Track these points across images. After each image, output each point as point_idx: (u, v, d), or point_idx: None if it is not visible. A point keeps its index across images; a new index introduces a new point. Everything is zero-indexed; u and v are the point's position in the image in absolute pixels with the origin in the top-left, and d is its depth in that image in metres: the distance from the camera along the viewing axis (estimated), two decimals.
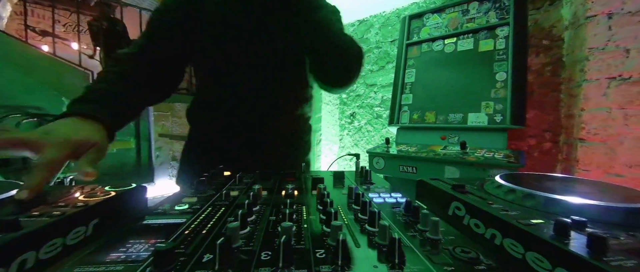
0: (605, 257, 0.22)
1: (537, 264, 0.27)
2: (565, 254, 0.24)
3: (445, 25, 1.68)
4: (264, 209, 0.31)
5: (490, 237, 0.33)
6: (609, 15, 1.27)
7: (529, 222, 0.30)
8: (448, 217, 0.43)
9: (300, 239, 0.23)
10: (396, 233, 0.21)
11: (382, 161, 1.47)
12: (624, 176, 1.23)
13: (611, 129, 1.25)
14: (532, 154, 1.68)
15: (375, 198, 0.36)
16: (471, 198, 0.38)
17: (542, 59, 1.67)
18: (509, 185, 0.39)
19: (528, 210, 0.35)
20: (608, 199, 0.34)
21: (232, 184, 0.41)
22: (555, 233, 0.27)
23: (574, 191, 0.36)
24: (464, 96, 1.49)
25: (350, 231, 0.26)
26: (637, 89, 1.22)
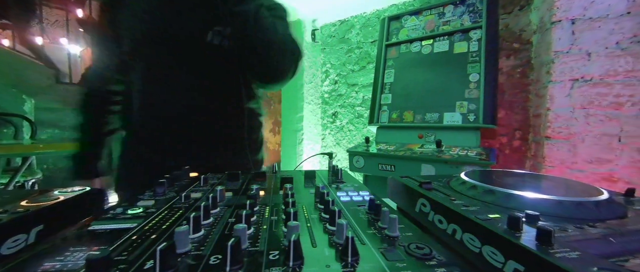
0: (551, 249, 0.23)
1: (492, 258, 0.27)
2: (515, 247, 0.25)
3: (422, 27, 1.73)
4: (224, 211, 0.30)
5: (451, 232, 0.34)
6: (572, 20, 1.35)
7: (486, 217, 0.30)
8: (415, 213, 0.43)
9: (256, 241, 0.23)
10: (350, 232, 0.21)
11: (361, 159, 1.48)
12: (585, 171, 1.31)
13: (574, 128, 1.33)
14: (503, 152, 1.75)
15: (342, 197, 0.36)
16: (436, 195, 0.39)
17: (512, 61, 1.75)
18: (471, 181, 0.40)
19: (488, 205, 0.36)
20: (561, 193, 0.35)
21: (196, 185, 0.40)
22: (508, 227, 0.27)
23: (531, 187, 0.38)
24: (440, 96, 1.53)
25: (310, 231, 0.26)
26: (596, 90, 1.30)
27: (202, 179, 0.40)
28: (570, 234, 0.27)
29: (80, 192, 0.35)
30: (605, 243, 0.26)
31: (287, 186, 0.33)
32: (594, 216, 0.32)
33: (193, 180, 0.43)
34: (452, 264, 0.20)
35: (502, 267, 0.26)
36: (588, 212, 0.32)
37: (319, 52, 2.64)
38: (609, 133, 1.27)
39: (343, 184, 0.43)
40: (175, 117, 0.69)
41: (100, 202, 0.36)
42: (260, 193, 0.35)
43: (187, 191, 0.34)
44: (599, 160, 1.29)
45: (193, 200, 0.33)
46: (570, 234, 0.27)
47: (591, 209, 0.32)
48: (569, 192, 0.36)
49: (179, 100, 0.69)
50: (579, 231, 0.27)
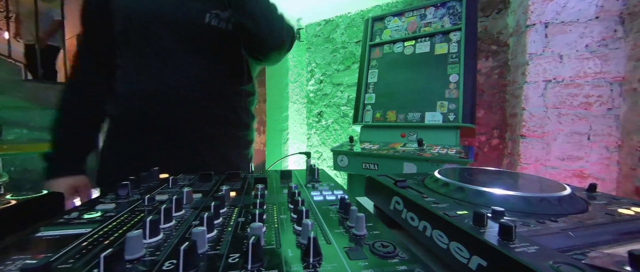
0: (512, 244, 0.24)
1: (458, 254, 0.28)
2: (479, 243, 0.25)
3: (405, 28, 1.75)
4: (190, 214, 0.28)
5: (422, 229, 0.34)
6: (546, 24, 1.41)
7: (454, 214, 0.31)
8: (390, 211, 0.43)
9: (217, 244, 0.22)
10: (313, 232, 0.20)
11: (346, 158, 1.48)
12: (558, 168, 1.37)
13: (547, 127, 1.38)
14: (482, 150, 1.81)
15: (316, 196, 0.36)
16: (409, 192, 0.39)
17: (490, 62, 1.81)
18: (444, 179, 0.41)
19: (459, 202, 0.36)
20: (526, 190, 0.36)
21: (165, 187, 0.38)
22: (474, 223, 0.28)
23: (500, 184, 0.39)
24: (421, 96, 1.56)
25: (277, 231, 0.25)
26: (568, 91, 1.37)
27: (171, 180, 0.38)
28: (532, 229, 0.28)
29: (36, 195, 0.32)
30: (564, 237, 0.27)
31: (259, 186, 0.32)
32: (556, 210, 0.33)
33: (162, 181, 0.41)
34: (415, 262, 0.20)
35: (467, 262, 0.26)
36: (551, 208, 0.33)
37: (304, 51, 2.63)
38: (579, 132, 1.34)
39: (319, 184, 0.43)
40: (164, 109, 0.66)
41: (58, 206, 0.34)
42: (231, 194, 0.34)
43: (153, 193, 0.32)
44: (571, 157, 1.36)
45: (158, 202, 0.31)
46: (532, 229, 0.28)
47: (554, 204, 0.33)
48: (534, 189, 0.37)
49: (174, 84, 0.67)
50: (540, 226, 0.28)
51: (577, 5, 1.35)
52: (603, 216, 0.32)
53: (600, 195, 0.41)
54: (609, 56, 1.30)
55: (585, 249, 0.25)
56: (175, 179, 0.39)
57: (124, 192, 0.32)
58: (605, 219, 0.31)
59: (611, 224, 0.30)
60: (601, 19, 1.32)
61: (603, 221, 0.30)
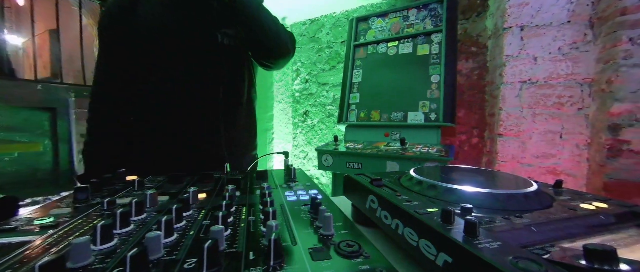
0: (476, 240, 0.24)
1: (427, 251, 0.28)
2: (445, 239, 0.25)
3: (388, 29, 1.77)
4: (152, 217, 0.27)
5: (395, 227, 0.34)
6: (521, 27, 1.47)
7: (425, 211, 0.31)
8: (366, 210, 0.43)
9: (175, 250, 0.21)
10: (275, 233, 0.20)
11: (330, 158, 1.48)
12: (533, 165, 1.43)
13: (522, 126, 1.44)
14: (463, 148, 1.86)
15: (290, 196, 0.35)
16: (383, 191, 0.39)
17: (470, 64, 1.86)
18: (417, 177, 0.41)
19: (431, 200, 0.37)
20: (495, 187, 0.37)
21: (130, 190, 0.36)
22: (442, 220, 0.28)
23: (470, 181, 0.40)
24: (404, 96, 1.58)
25: (243, 234, 0.24)
26: (542, 91, 1.43)
27: (137, 183, 0.36)
28: (497, 225, 0.28)
29: None
30: (527, 232, 0.28)
31: (229, 187, 0.31)
32: (523, 206, 0.34)
33: (128, 184, 0.39)
34: (378, 261, 0.20)
35: (434, 259, 0.26)
36: (518, 204, 0.34)
37: None
38: (553, 130, 1.40)
39: (294, 184, 0.42)
40: (172, 115, 0.71)
41: (10, 211, 0.31)
42: (200, 196, 0.33)
43: (115, 197, 0.31)
44: (545, 155, 1.42)
45: (118, 206, 0.29)
46: (497, 225, 0.28)
47: (520, 201, 0.34)
48: (502, 186, 0.38)
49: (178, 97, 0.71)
50: (505, 222, 0.29)
51: (551, 9, 1.41)
52: (566, 211, 0.33)
53: (566, 191, 0.43)
54: (579, 58, 1.37)
55: (546, 244, 0.25)
56: (141, 182, 0.37)
57: (83, 196, 0.30)
58: (568, 214, 0.32)
59: (573, 219, 0.31)
60: (572, 23, 1.38)
61: (565, 216, 0.31)
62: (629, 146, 1.19)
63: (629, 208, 0.35)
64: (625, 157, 1.19)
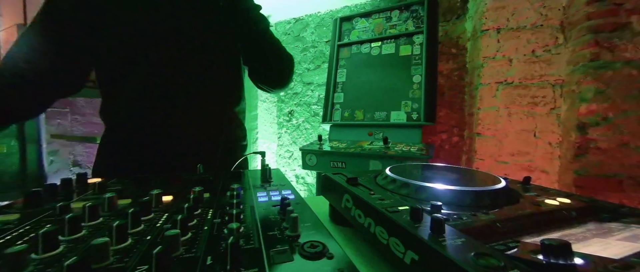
0: (441, 237, 0.24)
1: (396, 249, 0.28)
2: (412, 237, 0.26)
3: (371, 29, 1.79)
4: (106, 221, 0.26)
5: (368, 226, 0.34)
6: (498, 30, 1.52)
7: (395, 209, 0.31)
8: (342, 209, 0.43)
9: (127, 256, 0.20)
10: (233, 238, 0.19)
11: (314, 157, 1.48)
12: (509, 162, 1.48)
13: (499, 125, 1.49)
14: (443, 147, 1.91)
15: (261, 197, 0.34)
16: (358, 190, 0.39)
17: (451, 65, 1.91)
18: (392, 176, 0.41)
19: (404, 198, 0.37)
20: (465, 184, 0.38)
21: (89, 194, 0.34)
22: (411, 218, 0.28)
23: (442, 179, 0.40)
24: (387, 96, 1.60)
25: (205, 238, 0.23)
26: (517, 91, 1.48)
27: (98, 186, 0.34)
28: (464, 222, 0.29)
29: None
30: (492, 228, 0.28)
31: (196, 189, 0.30)
32: (491, 203, 0.34)
33: (90, 187, 0.36)
34: (341, 261, 0.19)
35: (403, 257, 0.27)
36: (486, 200, 0.34)
37: None
38: (527, 129, 1.46)
39: (269, 184, 0.41)
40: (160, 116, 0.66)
41: None
42: (165, 199, 0.31)
43: (71, 201, 0.29)
44: (520, 152, 1.48)
45: (72, 212, 0.28)
46: (464, 222, 0.29)
47: (489, 197, 0.35)
48: (472, 183, 0.39)
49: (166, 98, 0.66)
50: (472, 218, 0.29)
51: (525, 13, 1.47)
52: (531, 207, 0.34)
53: (534, 187, 0.44)
54: (551, 60, 1.43)
55: (509, 240, 0.26)
56: (103, 184, 0.35)
57: (36, 201, 0.28)
58: (532, 210, 0.33)
59: (537, 215, 0.32)
60: (545, 26, 1.45)
61: (530, 212, 0.32)
62: (596, 144, 1.25)
63: (590, 203, 0.37)
64: (592, 154, 1.26)
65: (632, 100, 1.20)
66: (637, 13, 1.20)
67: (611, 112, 1.23)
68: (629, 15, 1.21)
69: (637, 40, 1.20)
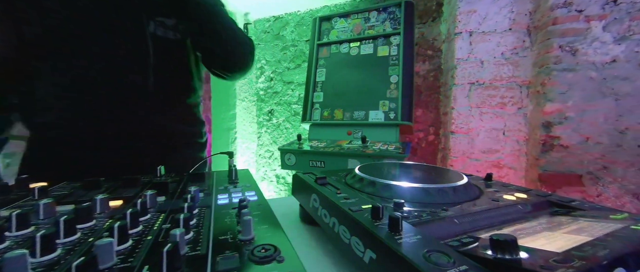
0: (397, 235, 0.24)
1: (357, 248, 0.28)
2: (370, 235, 0.25)
3: (350, 29, 1.80)
4: (38, 230, 0.23)
5: (332, 225, 0.34)
6: (470, 33, 1.58)
7: (358, 208, 0.31)
8: (310, 209, 0.43)
9: (57, 264, 0.18)
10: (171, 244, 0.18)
11: (293, 157, 1.47)
12: (480, 159, 1.55)
13: (471, 124, 1.55)
14: (421, 145, 1.96)
15: (222, 199, 0.33)
16: (325, 189, 0.39)
17: (427, 66, 1.96)
18: (360, 174, 0.41)
19: (370, 197, 0.37)
20: (429, 181, 0.38)
21: (27, 199, 0.31)
22: (371, 217, 0.28)
23: (408, 177, 0.41)
24: (366, 95, 1.62)
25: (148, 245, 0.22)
26: (488, 92, 1.55)
27: (37, 191, 0.31)
28: (423, 219, 0.29)
29: None
30: (450, 224, 0.29)
31: (148, 193, 0.28)
32: (452, 199, 0.35)
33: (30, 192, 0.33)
34: (291, 264, 0.19)
35: (362, 256, 0.26)
36: (447, 197, 0.35)
37: None
38: (497, 128, 1.53)
39: (233, 186, 0.40)
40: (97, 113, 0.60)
41: None
42: (112, 204, 0.29)
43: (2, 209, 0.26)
44: (490, 150, 1.54)
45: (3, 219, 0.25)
46: (423, 219, 0.29)
47: (449, 194, 0.35)
48: (435, 180, 0.40)
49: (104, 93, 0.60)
50: (431, 215, 0.30)
51: (495, 17, 1.53)
52: (489, 203, 0.35)
53: (495, 183, 0.46)
54: (519, 63, 1.51)
55: (463, 235, 0.26)
56: (43, 189, 0.32)
57: None
58: (490, 205, 0.34)
59: (494, 210, 0.33)
60: (513, 30, 1.52)
61: (487, 207, 0.33)
62: (559, 141, 1.33)
63: (545, 197, 0.39)
64: (556, 151, 1.34)
65: (591, 101, 1.29)
66: (597, 19, 1.29)
67: (572, 111, 1.32)
68: (589, 21, 1.29)
69: (595, 44, 1.29)
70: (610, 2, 1.27)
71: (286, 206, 0.56)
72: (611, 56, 1.27)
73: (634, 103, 1.24)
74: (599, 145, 1.29)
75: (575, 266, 0.18)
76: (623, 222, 0.28)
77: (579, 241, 0.23)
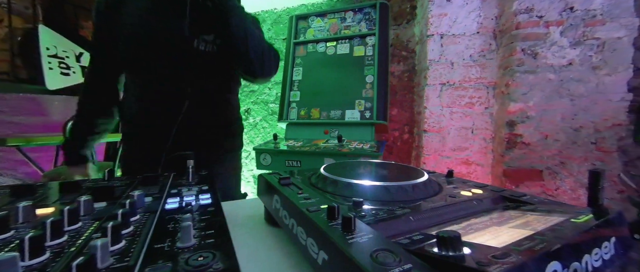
0: (350, 235, 0.24)
1: (312, 249, 0.27)
2: (322, 236, 0.25)
3: (327, 29, 1.80)
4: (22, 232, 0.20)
5: (291, 226, 0.33)
6: (441, 35, 1.63)
7: (317, 208, 0.30)
8: (273, 210, 0.41)
9: None
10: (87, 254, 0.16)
11: (268, 157, 1.44)
12: (450, 157, 1.61)
13: (442, 123, 1.61)
14: (396, 144, 2.00)
15: (171, 204, 0.31)
16: (287, 190, 0.38)
17: (402, 66, 2.01)
18: (324, 174, 0.41)
19: (333, 196, 0.36)
20: (390, 180, 0.39)
21: None
22: (327, 217, 0.27)
23: (370, 176, 0.41)
24: (342, 94, 1.63)
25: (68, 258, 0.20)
26: (458, 92, 1.61)
27: None
28: (379, 217, 0.29)
29: None
30: (405, 222, 0.29)
31: (82, 199, 0.26)
32: (411, 196, 0.36)
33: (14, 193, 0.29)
34: None
35: (316, 258, 0.26)
36: (407, 194, 0.35)
37: None
38: (466, 126, 1.60)
39: (187, 188, 0.38)
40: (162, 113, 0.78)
41: None
42: (40, 212, 0.26)
43: None
44: (460, 148, 1.61)
45: None
46: (379, 217, 0.29)
47: (409, 191, 0.36)
48: (397, 178, 0.40)
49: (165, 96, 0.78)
50: (387, 213, 0.30)
51: (464, 21, 1.60)
52: (446, 199, 0.36)
53: (456, 179, 0.47)
54: (486, 65, 1.59)
55: (416, 232, 0.27)
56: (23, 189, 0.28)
57: None
58: (447, 202, 0.35)
59: (450, 206, 0.34)
60: (481, 34, 1.59)
61: (444, 204, 0.34)
62: (522, 139, 1.42)
63: (499, 193, 0.40)
64: (519, 148, 1.42)
65: (550, 101, 1.38)
66: (555, 25, 1.38)
67: (533, 111, 1.40)
68: (548, 26, 1.38)
69: (554, 48, 1.38)
70: (567, 9, 1.36)
71: (255, 207, 0.54)
72: (567, 59, 1.36)
73: (587, 103, 1.34)
74: (557, 142, 1.38)
75: (511, 261, 0.18)
76: (565, 215, 0.29)
77: (521, 235, 0.23)
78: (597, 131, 1.33)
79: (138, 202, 0.27)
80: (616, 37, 1.30)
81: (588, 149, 1.35)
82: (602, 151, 1.34)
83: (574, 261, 0.21)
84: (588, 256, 0.23)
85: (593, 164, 1.35)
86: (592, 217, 0.28)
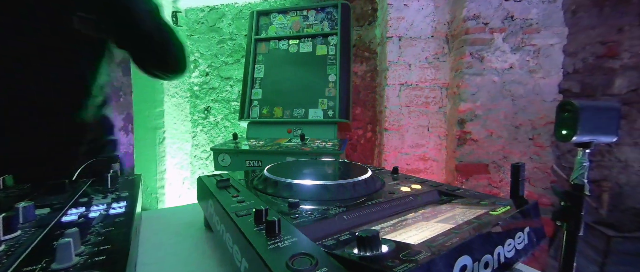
0: (273, 239, 0.22)
1: (237, 258, 0.25)
2: (244, 242, 0.23)
3: (289, 26, 1.77)
4: None
5: (221, 233, 0.31)
6: (399, 38, 1.70)
7: (247, 212, 0.28)
8: (208, 215, 0.39)
9: None
10: None
11: (227, 157, 1.38)
12: (409, 154, 1.68)
13: (401, 121, 1.67)
14: (360, 142, 2.05)
15: (71, 215, 0.27)
16: (222, 193, 0.36)
17: (365, 67, 2.05)
18: (266, 175, 0.39)
19: (272, 198, 0.35)
20: (330, 178, 0.38)
21: None
22: (255, 222, 0.26)
23: (312, 175, 0.40)
24: (305, 93, 1.61)
25: None
26: (415, 93, 1.69)
27: None
28: (313, 218, 0.28)
29: None
30: (339, 221, 0.28)
31: None
32: (352, 194, 0.35)
33: None
34: None
35: (239, 266, 0.24)
36: (347, 192, 0.35)
37: (184, 38, 2.32)
38: (422, 125, 1.68)
39: (103, 196, 0.34)
40: None
41: None
42: None
43: None
44: (418, 145, 1.69)
45: None
46: (313, 218, 0.28)
47: (350, 190, 0.35)
48: (338, 177, 0.40)
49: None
50: (321, 214, 0.29)
51: (420, 25, 1.68)
52: (386, 196, 0.36)
53: (401, 176, 0.48)
54: (439, 67, 1.68)
55: (345, 232, 0.26)
56: None
57: None
58: (385, 198, 0.35)
59: (386, 203, 0.34)
60: (435, 37, 1.68)
61: (381, 201, 0.34)
62: (471, 136, 1.53)
63: (436, 187, 0.42)
64: (468, 144, 1.53)
65: (494, 101, 1.51)
66: (498, 31, 1.50)
67: (480, 110, 1.52)
68: (492, 32, 1.50)
69: (497, 53, 1.50)
70: (508, 17, 1.49)
71: (197, 213, 0.51)
72: (509, 63, 1.49)
73: (525, 103, 1.48)
74: (500, 138, 1.51)
75: (421, 258, 0.18)
76: (487, 207, 0.31)
77: (440, 230, 0.24)
78: (534, 128, 1.48)
79: (24, 216, 0.23)
80: (549, 44, 1.46)
81: (527, 144, 1.50)
82: (538, 146, 1.49)
83: (485, 253, 0.22)
84: (501, 247, 0.24)
85: (531, 158, 1.50)
86: (511, 208, 0.30)
